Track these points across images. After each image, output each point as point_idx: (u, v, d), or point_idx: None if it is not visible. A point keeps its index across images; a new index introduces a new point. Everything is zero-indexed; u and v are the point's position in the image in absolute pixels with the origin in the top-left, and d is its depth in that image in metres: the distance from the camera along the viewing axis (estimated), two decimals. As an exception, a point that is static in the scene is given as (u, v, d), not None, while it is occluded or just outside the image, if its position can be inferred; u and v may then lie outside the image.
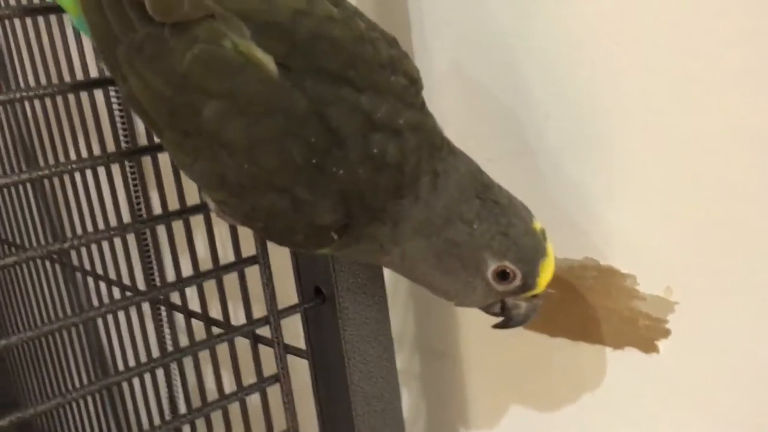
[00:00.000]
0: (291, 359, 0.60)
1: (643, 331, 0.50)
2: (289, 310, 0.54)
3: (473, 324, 0.64)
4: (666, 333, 0.49)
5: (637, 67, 0.46)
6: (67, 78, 0.70)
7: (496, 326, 0.48)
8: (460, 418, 0.68)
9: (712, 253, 0.46)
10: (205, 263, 0.55)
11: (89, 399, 0.92)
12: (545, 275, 0.44)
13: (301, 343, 0.60)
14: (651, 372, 0.51)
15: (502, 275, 0.43)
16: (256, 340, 0.56)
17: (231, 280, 0.56)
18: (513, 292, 0.44)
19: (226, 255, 0.58)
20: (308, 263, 0.55)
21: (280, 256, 0.57)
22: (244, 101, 0.38)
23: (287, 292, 0.57)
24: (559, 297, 0.55)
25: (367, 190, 0.40)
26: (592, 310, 0.53)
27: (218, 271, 0.51)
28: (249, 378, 0.58)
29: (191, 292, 0.64)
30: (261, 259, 0.51)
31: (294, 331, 0.60)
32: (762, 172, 0.43)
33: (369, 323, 0.55)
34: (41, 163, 0.82)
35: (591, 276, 0.53)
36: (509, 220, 0.43)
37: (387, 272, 0.70)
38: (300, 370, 0.60)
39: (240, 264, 0.52)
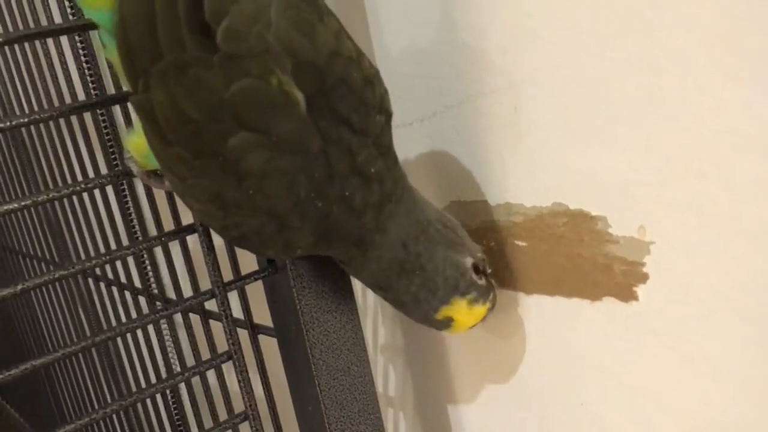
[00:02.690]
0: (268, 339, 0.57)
1: (620, 277, 0.45)
2: (238, 282, 0.51)
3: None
4: (644, 277, 0.44)
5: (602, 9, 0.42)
6: (58, 101, 0.67)
7: None
8: (446, 389, 0.64)
9: (681, 185, 0.41)
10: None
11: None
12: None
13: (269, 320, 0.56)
14: (631, 322, 0.46)
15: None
16: (206, 315, 0.53)
17: (198, 254, 0.53)
18: None
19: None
20: (258, 231, 0.51)
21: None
22: (275, 138, 0.38)
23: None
24: (530, 249, 0.51)
25: (332, 227, 0.42)
26: (565, 260, 0.49)
27: (152, 240, 0.47)
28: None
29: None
30: (199, 227, 0.47)
31: (264, 308, 0.57)
32: (735, 96, 0.38)
33: (328, 292, 0.51)
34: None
35: (561, 223, 0.48)
36: (432, 281, 0.46)
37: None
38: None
39: (180, 233, 0.48)
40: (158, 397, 0.74)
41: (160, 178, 0.46)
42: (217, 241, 0.51)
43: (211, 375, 0.57)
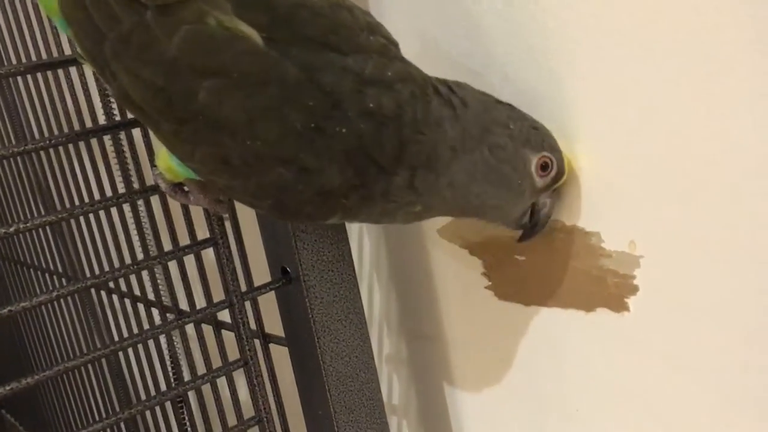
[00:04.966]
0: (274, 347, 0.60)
1: (613, 289, 0.49)
2: (253, 292, 0.54)
3: (453, 304, 0.63)
4: (634, 289, 0.48)
5: (595, 26, 0.45)
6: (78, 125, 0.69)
7: (522, 239, 0.49)
8: (449, 398, 0.67)
9: (669, 202, 0.44)
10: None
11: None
12: (568, 163, 0.47)
13: (280, 330, 0.59)
14: (623, 332, 0.49)
15: (544, 167, 0.45)
16: (218, 325, 0.56)
17: (212, 266, 0.56)
18: (548, 185, 0.46)
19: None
20: (273, 243, 0.55)
21: (253, 238, 0.57)
22: (237, 75, 0.38)
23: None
24: (528, 263, 0.54)
25: (373, 144, 0.40)
26: (561, 273, 0.52)
27: (171, 253, 0.50)
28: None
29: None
30: (219, 239, 0.51)
31: (275, 317, 0.60)
32: (721, 114, 0.41)
33: (338, 302, 0.55)
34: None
35: (557, 238, 0.51)
36: (531, 117, 0.46)
37: (364, 255, 0.70)
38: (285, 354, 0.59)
39: (197, 246, 0.51)
40: (168, 405, 0.77)
41: (185, 194, 0.49)
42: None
43: (220, 384, 0.60)
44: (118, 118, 0.59)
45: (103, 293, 0.85)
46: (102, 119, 0.60)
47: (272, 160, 0.39)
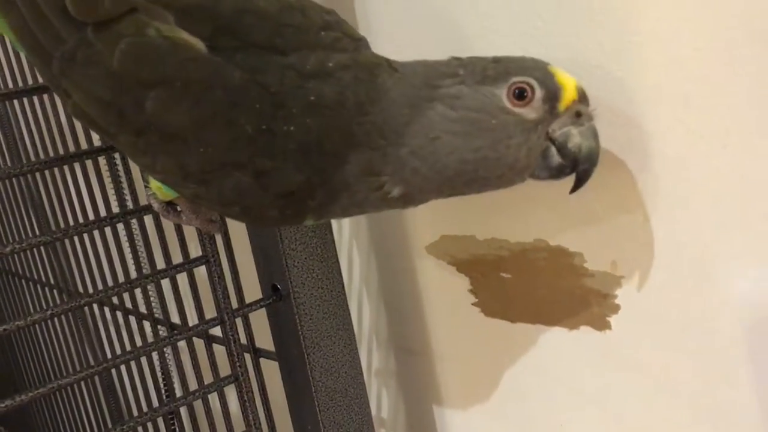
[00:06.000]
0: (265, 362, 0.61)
1: (595, 308, 0.50)
2: (244, 309, 0.55)
3: (440, 320, 0.64)
4: (616, 308, 0.49)
5: (581, 36, 0.46)
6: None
7: (573, 190, 0.42)
8: (437, 412, 0.68)
9: (648, 225, 0.46)
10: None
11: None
12: (563, 78, 0.39)
13: (270, 344, 0.60)
14: (606, 349, 0.50)
15: (520, 94, 0.39)
16: (210, 340, 0.57)
17: (204, 282, 0.57)
18: (548, 112, 0.39)
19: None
20: (264, 260, 0.56)
21: (244, 256, 0.58)
22: (180, 83, 0.38)
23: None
24: (514, 281, 0.55)
25: (322, 136, 0.39)
26: (545, 291, 0.53)
27: (164, 272, 0.51)
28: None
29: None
30: (211, 257, 0.52)
31: (266, 331, 0.61)
32: (700, 135, 0.43)
33: (327, 318, 0.56)
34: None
35: (542, 257, 0.53)
36: (494, 56, 0.41)
37: (354, 271, 0.71)
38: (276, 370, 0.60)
39: (189, 264, 0.52)
40: (160, 420, 0.77)
41: (178, 214, 0.50)
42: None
43: (211, 398, 0.61)
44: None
45: (95, 306, 0.86)
46: (97, 140, 0.61)
47: (227, 166, 0.39)
